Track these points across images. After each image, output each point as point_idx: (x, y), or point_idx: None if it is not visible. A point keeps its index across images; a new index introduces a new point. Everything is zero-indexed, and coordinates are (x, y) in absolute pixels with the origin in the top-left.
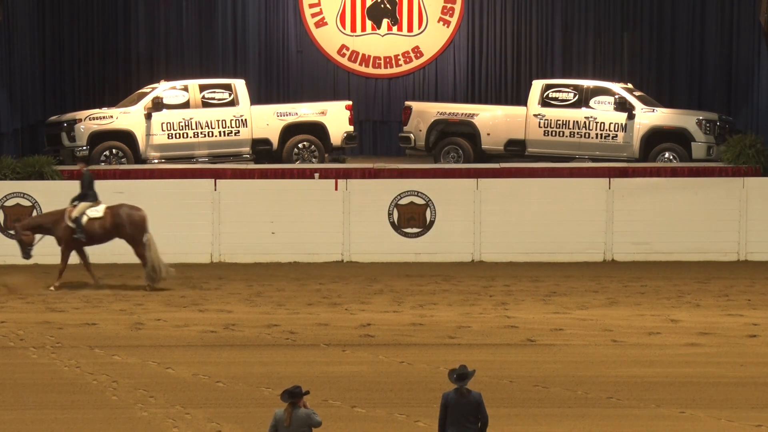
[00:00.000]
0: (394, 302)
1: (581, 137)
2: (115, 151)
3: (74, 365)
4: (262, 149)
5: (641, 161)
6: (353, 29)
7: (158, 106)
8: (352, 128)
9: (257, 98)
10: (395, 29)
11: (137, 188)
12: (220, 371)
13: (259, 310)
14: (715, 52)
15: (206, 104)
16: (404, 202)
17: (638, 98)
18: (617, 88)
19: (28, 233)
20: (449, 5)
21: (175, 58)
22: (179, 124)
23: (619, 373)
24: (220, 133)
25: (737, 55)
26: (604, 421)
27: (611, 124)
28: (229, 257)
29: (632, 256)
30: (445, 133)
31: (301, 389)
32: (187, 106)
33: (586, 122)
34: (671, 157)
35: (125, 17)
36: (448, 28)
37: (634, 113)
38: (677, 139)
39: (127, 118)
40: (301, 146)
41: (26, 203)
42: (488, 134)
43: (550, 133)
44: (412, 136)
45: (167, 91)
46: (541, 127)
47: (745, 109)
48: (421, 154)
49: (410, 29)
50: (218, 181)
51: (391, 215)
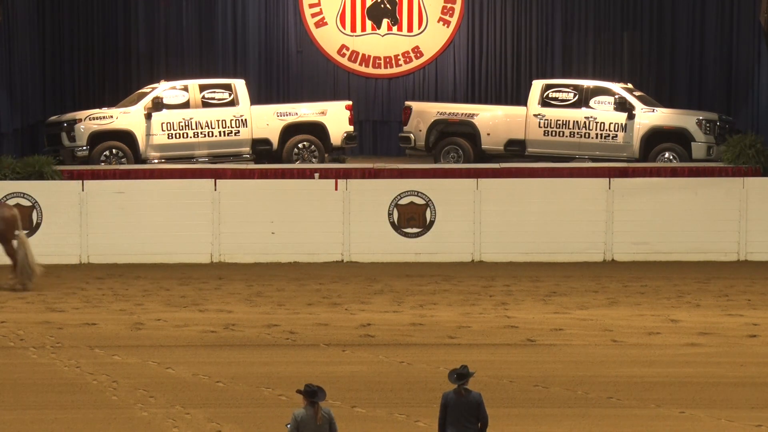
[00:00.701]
0: (394, 302)
1: (581, 137)
2: (115, 151)
3: (74, 365)
4: (262, 149)
5: (641, 161)
6: (353, 29)
7: (158, 106)
8: (352, 128)
9: (257, 98)
10: (395, 29)
11: (137, 188)
12: (220, 371)
13: (259, 310)
14: (715, 52)
15: (206, 104)
16: (404, 202)
17: (638, 98)
18: (617, 88)
19: None
20: (449, 5)
21: (175, 58)
22: (179, 124)
23: (619, 373)
24: (220, 133)
25: (737, 55)
26: (604, 421)
27: (611, 124)
28: (229, 257)
29: (632, 256)
30: (445, 133)
31: (313, 386)
32: (187, 106)
33: (586, 122)
34: (671, 157)
35: (125, 17)
36: (448, 28)
37: (634, 113)
38: (677, 139)
39: (127, 118)
40: (301, 146)
41: (26, 203)
42: (488, 134)
43: (550, 133)
44: (412, 136)
45: (167, 91)
46: (541, 127)
47: (745, 109)
48: (421, 154)
49: (410, 29)
50: (218, 181)
51: (391, 215)
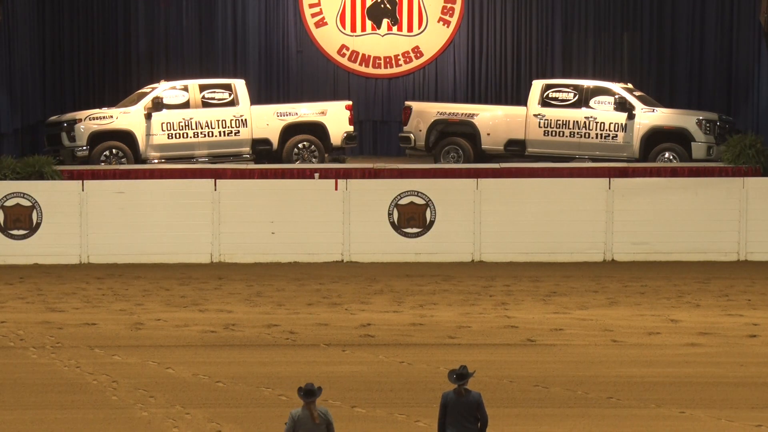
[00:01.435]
0: (394, 302)
1: (581, 137)
2: (115, 151)
3: (74, 365)
4: (262, 149)
5: (641, 161)
6: (353, 29)
7: (158, 106)
8: (352, 128)
9: (257, 98)
10: (395, 29)
11: (137, 188)
12: (220, 371)
13: (259, 310)
14: (715, 52)
15: (206, 104)
16: (404, 202)
17: (638, 98)
18: (617, 88)
19: None
20: (449, 5)
21: (175, 58)
22: (179, 124)
23: (619, 373)
24: (220, 133)
25: (737, 55)
26: (604, 421)
27: (611, 124)
28: (229, 257)
29: (632, 256)
30: (445, 133)
31: (313, 386)
32: (187, 106)
33: (586, 122)
34: (671, 157)
35: (125, 17)
36: (448, 28)
37: (634, 113)
38: (677, 139)
39: (127, 118)
40: (301, 146)
41: (26, 203)
42: (488, 134)
43: (550, 133)
44: (412, 136)
45: (167, 91)
46: (541, 127)
47: (745, 109)
48: (421, 154)
49: (410, 29)
50: (218, 181)
51: (391, 215)
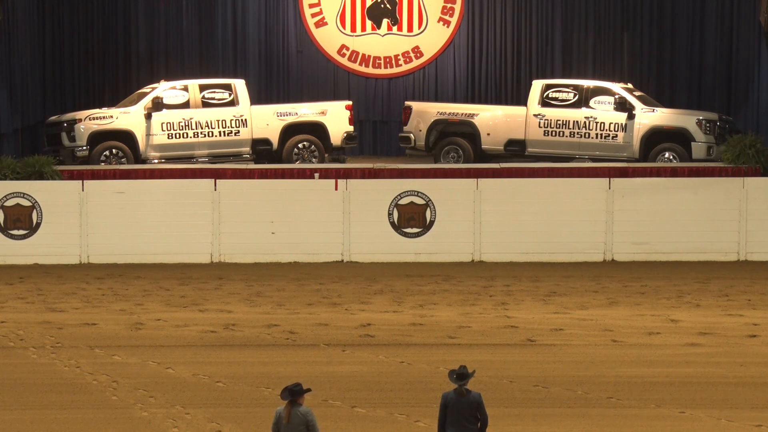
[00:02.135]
0: (394, 302)
1: (581, 137)
2: (115, 151)
3: (74, 365)
4: (262, 149)
5: (641, 161)
6: (353, 29)
7: (158, 106)
8: (352, 128)
9: (257, 98)
10: (395, 29)
11: (137, 188)
12: (220, 371)
13: (259, 310)
14: (715, 52)
15: (206, 104)
16: (404, 202)
17: (638, 98)
18: (617, 88)
19: None
20: (449, 5)
21: (175, 58)
22: (179, 124)
23: (619, 373)
24: (220, 133)
25: (737, 55)
26: (604, 421)
27: (611, 124)
28: (229, 257)
29: (632, 256)
30: (445, 133)
31: (301, 386)
32: (187, 106)
33: (586, 122)
34: (671, 157)
35: (125, 17)
36: (448, 28)
37: (634, 113)
38: (677, 139)
39: (127, 118)
40: (301, 146)
41: (26, 203)
42: (488, 134)
43: (550, 133)
44: (412, 136)
45: (167, 91)
46: (541, 127)
47: (745, 109)
48: (421, 154)
49: (410, 29)
50: (218, 181)
51: (391, 215)
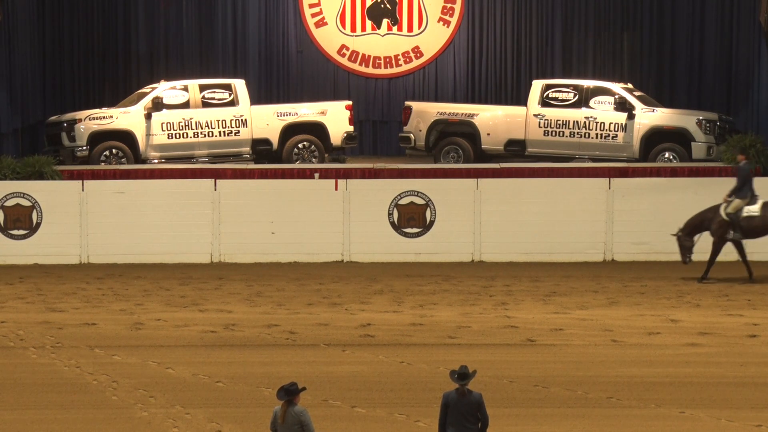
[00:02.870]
0: (394, 302)
1: (581, 137)
2: (115, 151)
3: (74, 365)
4: (262, 149)
5: (641, 161)
6: (353, 29)
7: (158, 106)
8: (352, 128)
9: (257, 98)
10: (395, 29)
11: (137, 188)
12: (220, 371)
13: (259, 310)
14: (715, 52)
15: (206, 104)
16: (404, 202)
17: (638, 98)
18: (617, 88)
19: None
20: (449, 5)
21: (175, 58)
22: (179, 124)
23: (619, 373)
24: (220, 133)
25: (737, 55)
26: (604, 421)
27: (611, 124)
28: (229, 257)
29: (632, 256)
30: (445, 133)
31: (297, 386)
32: (187, 106)
33: (586, 122)
34: (671, 157)
35: (125, 17)
36: (448, 28)
37: (634, 113)
38: (677, 139)
39: (127, 118)
40: (301, 146)
41: (26, 203)
42: (488, 134)
43: (550, 133)
44: (412, 136)
45: (167, 91)
46: (541, 127)
47: (745, 109)
48: (421, 154)
49: (410, 29)
50: (218, 181)
51: (391, 215)
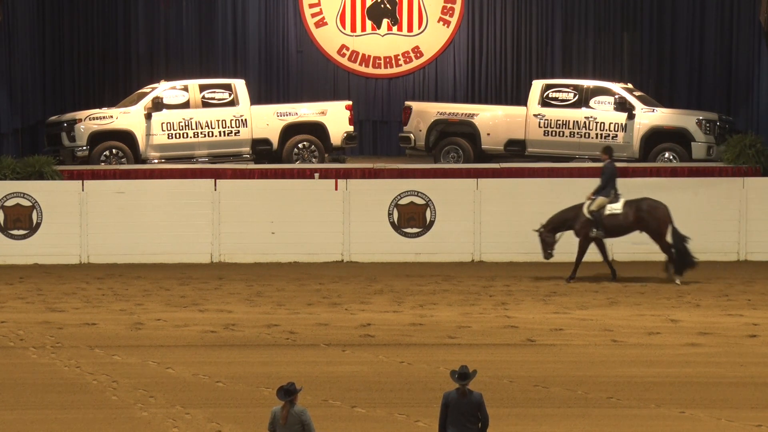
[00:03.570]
0: (394, 302)
1: (581, 137)
2: (115, 151)
3: (74, 365)
4: (262, 149)
5: (641, 161)
6: (353, 29)
7: (158, 106)
8: (352, 128)
9: (257, 98)
10: (395, 29)
11: (137, 188)
12: (220, 371)
13: (259, 310)
14: (715, 52)
15: (206, 104)
16: (404, 202)
17: (638, 98)
18: (617, 88)
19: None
20: (449, 5)
21: (175, 58)
22: (179, 124)
23: (619, 373)
24: (220, 133)
25: (737, 55)
26: (604, 421)
27: (611, 124)
28: (229, 257)
29: (632, 256)
30: (445, 133)
31: (295, 386)
32: (187, 106)
33: (586, 122)
34: (671, 157)
35: (125, 17)
36: (448, 28)
37: (634, 113)
38: (677, 139)
39: (127, 118)
40: (301, 146)
41: (26, 203)
42: (488, 134)
43: (550, 133)
44: (412, 136)
45: (167, 91)
46: (541, 127)
47: (745, 109)
48: (421, 154)
49: (410, 29)
50: (218, 181)
51: (391, 215)
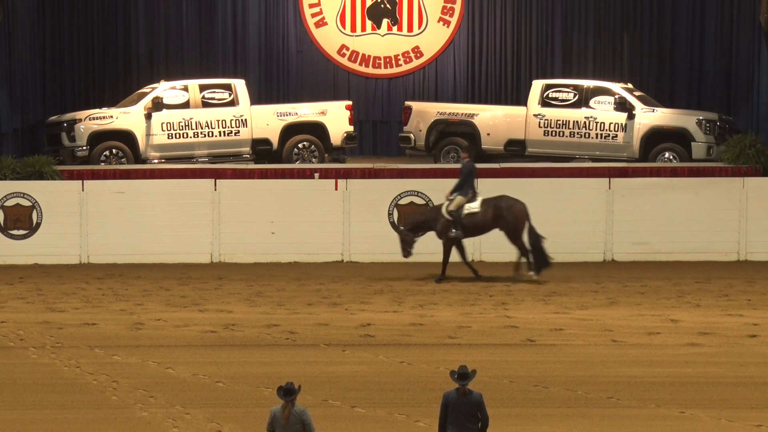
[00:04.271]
0: (394, 302)
1: (581, 137)
2: (115, 151)
3: (74, 365)
4: (262, 149)
5: (641, 161)
6: (353, 29)
7: (158, 106)
8: (352, 128)
9: (257, 98)
10: (395, 29)
11: (137, 188)
12: (220, 371)
13: (259, 310)
14: (715, 52)
15: (206, 104)
16: (404, 202)
17: (638, 98)
18: (617, 88)
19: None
20: (449, 5)
21: (175, 58)
22: (179, 124)
23: (619, 373)
24: (220, 133)
25: (737, 55)
26: (604, 421)
27: (611, 124)
28: (229, 257)
29: (632, 256)
30: (445, 133)
31: (294, 385)
32: (187, 106)
33: (586, 122)
34: (671, 157)
35: (125, 17)
36: (448, 28)
37: (634, 113)
38: (677, 139)
39: (127, 118)
40: (301, 146)
41: (26, 203)
42: (488, 134)
43: (550, 133)
44: (412, 136)
45: (167, 91)
46: (541, 127)
47: (745, 109)
48: (421, 154)
49: (410, 29)
50: (218, 181)
51: (391, 215)
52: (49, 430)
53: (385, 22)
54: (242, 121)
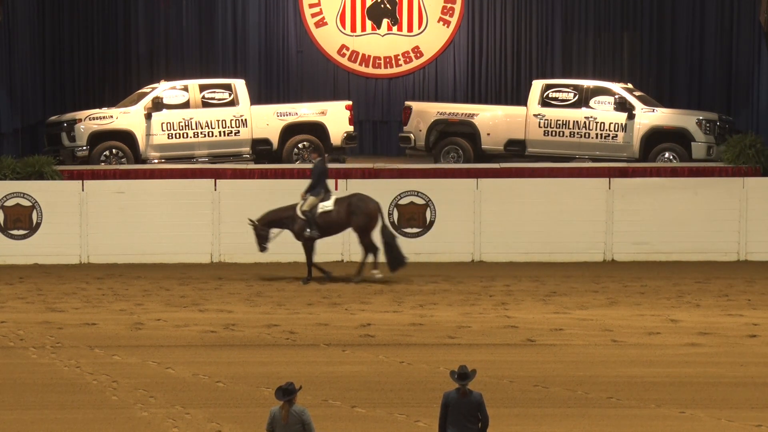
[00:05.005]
0: (394, 302)
1: (581, 137)
2: (115, 151)
3: (74, 365)
4: (262, 149)
5: (641, 161)
6: (353, 29)
7: (158, 106)
8: (352, 128)
9: (257, 98)
10: (395, 29)
11: (137, 188)
12: (220, 371)
13: (259, 310)
14: (715, 52)
15: (206, 104)
16: (404, 202)
17: (638, 98)
18: (617, 88)
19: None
20: (449, 5)
21: (175, 58)
22: (179, 124)
23: (619, 373)
24: (220, 133)
25: (737, 55)
26: (604, 421)
27: (611, 124)
28: (229, 257)
29: (632, 256)
30: (445, 133)
31: (294, 385)
32: (187, 106)
33: (586, 122)
34: (671, 157)
35: (125, 17)
36: (448, 28)
37: (634, 113)
38: (677, 139)
39: (127, 118)
40: (301, 146)
41: (26, 203)
42: (488, 134)
43: (550, 133)
44: (412, 136)
45: (167, 91)
46: (541, 127)
47: (745, 109)
48: (421, 154)
49: (410, 29)
50: (218, 181)
51: (391, 215)
52: (49, 430)
53: (385, 22)
54: (242, 121)
